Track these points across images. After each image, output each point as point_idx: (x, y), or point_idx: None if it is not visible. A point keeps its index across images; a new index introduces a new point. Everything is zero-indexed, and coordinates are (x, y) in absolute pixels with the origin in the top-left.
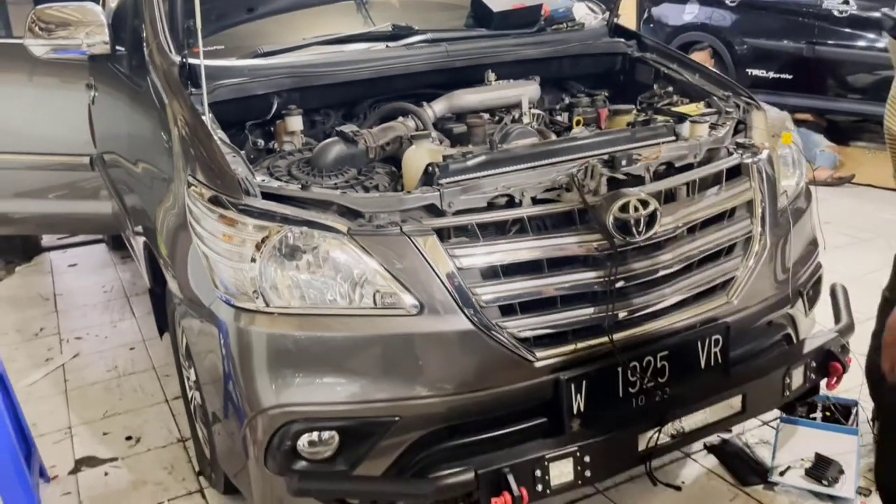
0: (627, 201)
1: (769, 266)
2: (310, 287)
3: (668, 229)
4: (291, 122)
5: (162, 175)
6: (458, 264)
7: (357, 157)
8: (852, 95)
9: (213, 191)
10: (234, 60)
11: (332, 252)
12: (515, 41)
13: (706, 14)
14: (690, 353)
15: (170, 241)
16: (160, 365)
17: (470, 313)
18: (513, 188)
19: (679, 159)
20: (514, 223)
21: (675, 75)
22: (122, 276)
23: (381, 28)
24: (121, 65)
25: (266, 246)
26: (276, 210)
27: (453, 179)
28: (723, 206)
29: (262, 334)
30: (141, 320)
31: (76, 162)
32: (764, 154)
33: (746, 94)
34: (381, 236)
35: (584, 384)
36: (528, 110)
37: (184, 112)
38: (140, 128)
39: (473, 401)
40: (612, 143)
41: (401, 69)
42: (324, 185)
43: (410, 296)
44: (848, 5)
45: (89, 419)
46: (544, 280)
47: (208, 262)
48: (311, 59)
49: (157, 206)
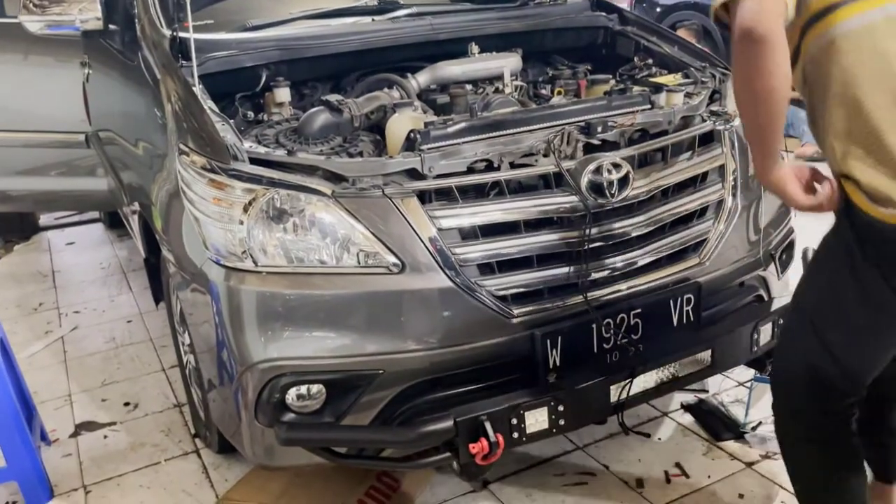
0: (601, 164)
1: (740, 229)
2: (296, 247)
3: (640, 192)
4: (279, 94)
5: (156, 150)
6: (439, 225)
7: (342, 125)
8: None
9: (203, 157)
10: (223, 34)
11: (317, 214)
12: (498, 15)
13: None
14: (663, 311)
15: (164, 211)
16: (157, 336)
17: (450, 272)
18: (491, 153)
19: (653, 126)
20: (492, 186)
21: (654, 48)
22: (119, 253)
23: (368, 2)
24: (114, 41)
25: (254, 208)
26: (263, 174)
27: (434, 145)
28: (695, 170)
29: (250, 292)
30: (138, 295)
31: (72, 139)
32: (736, 121)
33: (723, 65)
34: (364, 199)
35: (559, 340)
36: (510, 81)
37: (175, 84)
38: (133, 104)
39: (454, 355)
40: (589, 111)
41: (386, 42)
42: (310, 152)
43: (392, 255)
44: None
45: (88, 387)
46: (521, 240)
47: (199, 225)
48: (299, 33)
49: (152, 181)
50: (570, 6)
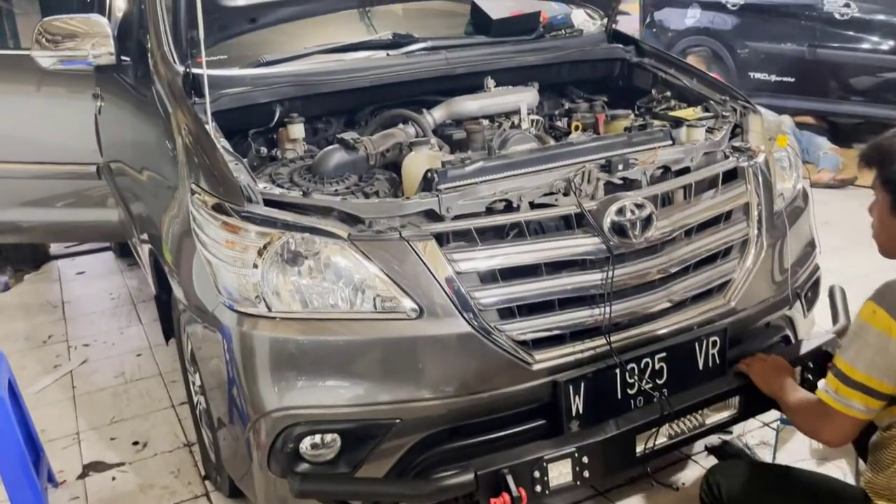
0: (624, 205)
1: (766, 268)
2: (311, 292)
3: (664, 232)
4: (293, 130)
5: (167, 183)
6: (457, 268)
7: (358, 163)
8: (854, 98)
9: (216, 198)
10: (236, 70)
11: (332, 257)
12: (514, 48)
13: (708, 18)
14: (688, 355)
15: (175, 248)
16: (166, 371)
17: (469, 317)
18: (510, 193)
19: (675, 163)
20: (512, 227)
21: (672, 80)
22: (129, 283)
23: (382, 36)
24: (126, 75)
25: (268, 252)
26: (278, 216)
27: (452, 185)
28: (719, 209)
29: (264, 338)
30: (147, 327)
31: (83, 171)
32: (760, 157)
33: (743, 98)
34: (381, 241)
35: (582, 386)
36: (527, 116)
37: (187, 121)
38: (145, 137)
39: (473, 403)
40: (609, 147)
41: (401, 77)
42: (325, 192)
43: (410, 300)
44: (849, 8)
45: (97, 424)
46: (542, 283)
47: (211, 269)
48: (313, 68)
49: (163, 214)
50: (586, 38)
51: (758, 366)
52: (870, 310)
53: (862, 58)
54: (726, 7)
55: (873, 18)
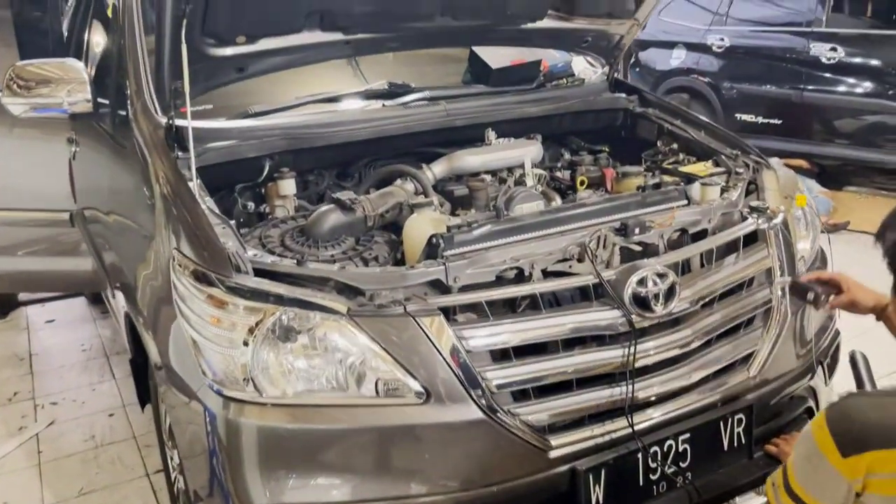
0: (645, 274)
1: (790, 337)
2: (306, 374)
3: (687, 303)
4: (284, 186)
5: (148, 239)
6: (467, 346)
7: (355, 225)
8: (840, 141)
9: (200, 267)
10: (223, 121)
11: (330, 335)
12: (516, 98)
13: (693, 59)
14: (713, 435)
15: (152, 314)
16: (141, 434)
17: (480, 401)
18: (522, 260)
19: (693, 225)
20: (523, 298)
21: (679, 132)
22: (102, 332)
23: (377, 86)
24: (104, 122)
25: (259, 330)
26: (270, 289)
27: (459, 251)
28: (741, 275)
29: (253, 427)
30: (121, 382)
31: (55, 218)
32: (779, 218)
33: (755, 153)
34: (384, 317)
35: (602, 473)
36: (531, 171)
37: (169, 178)
38: (123, 185)
39: (486, 496)
40: (623, 208)
41: (399, 129)
42: (320, 257)
43: (415, 383)
44: (835, 52)
45: (64, 496)
46: (560, 362)
47: (195, 347)
48: (305, 120)
49: (139, 272)
50: (588, 87)
51: (789, 448)
52: (818, 423)
53: (847, 101)
54: (711, 49)
55: (859, 62)
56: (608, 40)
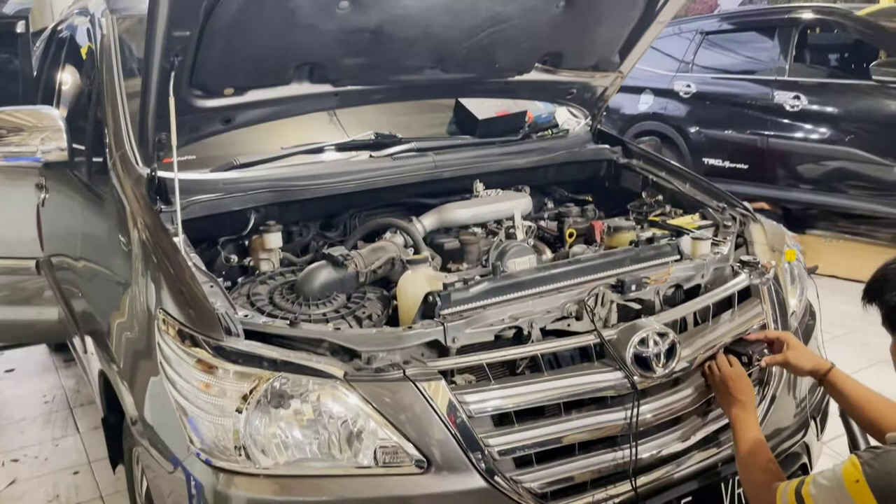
0: (646, 334)
1: (785, 393)
2: (299, 442)
3: (688, 362)
4: (270, 239)
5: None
6: (468, 412)
7: (346, 281)
8: (804, 186)
9: (187, 328)
10: (208, 173)
11: (325, 400)
12: (503, 150)
13: (661, 104)
14: (714, 497)
15: (128, 359)
16: (108, 493)
17: (483, 469)
18: (521, 319)
19: (687, 280)
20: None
21: (664, 183)
22: (66, 382)
23: (363, 136)
24: (78, 169)
25: (252, 397)
26: (263, 353)
27: (456, 310)
28: (738, 332)
29: (244, 499)
30: (86, 437)
31: (20, 265)
32: (771, 273)
33: (741, 206)
34: (382, 381)
35: None
36: (521, 224)
37: (152, 233)
38: (99, 235)
39: None
40: (618, 264)
41: (387, 181)
42: (311, 316)
43: (415, 450)
44: (799, 100)
45: None
46: (562, 425)
47: (182, 413)
48: (292, 172)
49: (113, 317)
50: (572, 138)
51: (724, 372)
52: (853, 475)
53: (811, 147)
54: (678, 95)
55: (821, 110)
56: (592, 92)
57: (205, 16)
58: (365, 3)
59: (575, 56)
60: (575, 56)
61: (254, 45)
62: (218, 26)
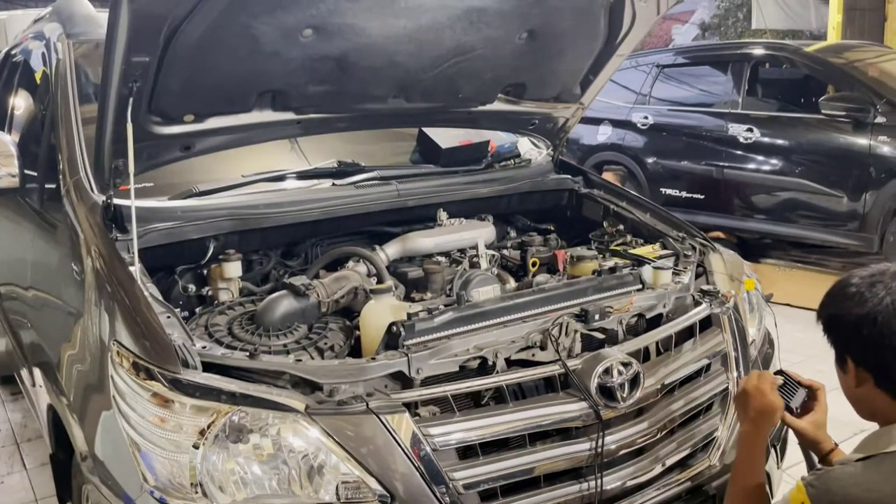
0: (610, 364)
1: None
2: (260, 479)
3: (651, 391)
4: (229, 269)
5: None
6: (433, 445)
7: (308, 311)
8: (758, 216)
9: (143, 361)
10: (166, 201)
11: (285, 434)
12: (466, 179)
13: (619, 135)
14: None
15: (79, 392)
16: None
17: (447, 503)
18: (486, 350)
19: (649, 309)
20: (487, 389)
21: (625, 213)
22: (11, 416)
23: (326, 164)
24: (28, 196)
25: (210, 432)
26: (222, 386)
27: (420, 340)
28: (699, 361)
29: None
30: (33, 473)
31: None
32: (731, 302)
33: (701, 236)
34: (345, 415)
35: None
36: (485, 253)
37: (107, 262)
38: (50, 264)
39: None
40: (581, 293)
41: (350, 209)
42: (272, 347)
43: (379, 485)
44: (752, 133)
45: None
46: (528, 457)
47: (135, 449)
48: (253, 200)
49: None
50: (535, 168)
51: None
52: (798, 498)
53: (763, 178)
54: (636, 126)
55: (773, 143)
56: (554, 123)
57: (165, 41)
58: (329, 32)
59: (537, 87)
60: (537, 87)
61: (215, 72)
62: (179, 52)
